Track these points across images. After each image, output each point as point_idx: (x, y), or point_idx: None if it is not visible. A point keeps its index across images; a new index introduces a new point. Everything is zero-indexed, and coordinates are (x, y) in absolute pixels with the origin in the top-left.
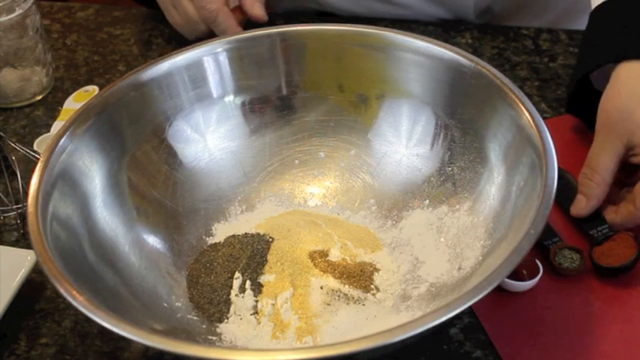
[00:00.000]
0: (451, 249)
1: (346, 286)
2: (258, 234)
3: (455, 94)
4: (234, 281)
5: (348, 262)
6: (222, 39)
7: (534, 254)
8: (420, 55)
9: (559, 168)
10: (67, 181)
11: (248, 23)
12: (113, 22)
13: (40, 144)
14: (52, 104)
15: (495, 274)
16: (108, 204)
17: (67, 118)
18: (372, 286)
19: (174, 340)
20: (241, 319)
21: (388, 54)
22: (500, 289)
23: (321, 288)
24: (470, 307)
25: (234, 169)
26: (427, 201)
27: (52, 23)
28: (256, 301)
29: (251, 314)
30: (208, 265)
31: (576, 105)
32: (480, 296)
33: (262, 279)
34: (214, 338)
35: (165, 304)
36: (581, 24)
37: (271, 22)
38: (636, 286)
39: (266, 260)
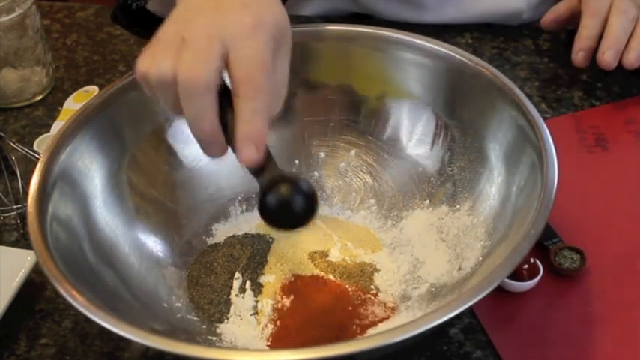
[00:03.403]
0: (451, 249)
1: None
2: (258, 234)
3: (455, 94)
4: (234, 281)
5: (348, 262)
6: None
7: (534, 254)
8: (420, 55)
9: None
10: (67, 181)
11: None
12: (113, 22)
13: (40, 144)
14: (52, 104)
15: (495, 274)
16: (108, 204)
17: (67, 118)
18: (372, 287)
19: (174, 340)
20: (241, 319)
21: (388, 54)
22: (500, 289)
23: None
24: (470, 307)
25: (235, 169)
26: (427, 201)
27: (52, 23)
28: (256, 302)
29: (251, 314)
30: (208, 265)
31: None
32: (480, 296)
33: (262, 279)
34: (214, 338)
35: (165, 305)
36: None
37: None
38: (636, 286)
39: (266, 260)
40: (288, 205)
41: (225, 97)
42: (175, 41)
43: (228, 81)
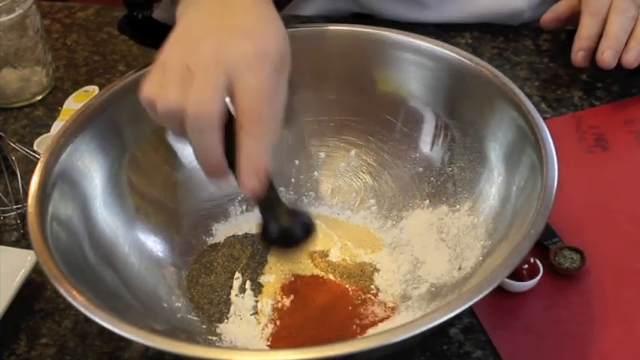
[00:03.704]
0: (451, 249)
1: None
2: (259, 234)
3: (455, 94)
4: (234, 281)
5: (348, 262)
6: None
7: (534, 254)
8: (420, 55)
9: None
10: (67, 181)
11: None
12: (113, 22)
13: (40, 144)
14: (52, 104)
15: (495, 274)
16: (108, 204)
17: (67, 118)
18: (372, 287)
19: (175, 340)
20: (241, 319)
21: (388, 54)
22: (500, 289)
23: None
24: (470, 307)
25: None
26: (427, 201)
27: (52, 23)
28: (256, 301)
29: (251, 314)
30: (208, 265)
31: None
32: (480, 296)
33: (262, 279)
34: (214, 338)
35: (165, 305)
36: None
37: None
38: (636, 286)
39: (266, 260)
40: (289, 237)
41: (228, 122)
42: (181, 71)
43: (231, 107)
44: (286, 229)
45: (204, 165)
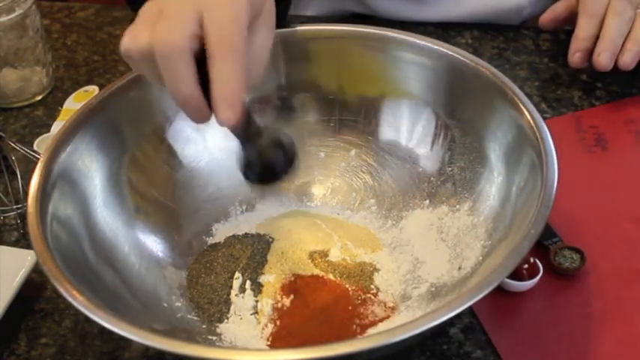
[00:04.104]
0: (451, 249)
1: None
2: (258, 234)
3: (455, 94)
4: (234, 281)
5: (348, 262)
6: None
7: (534, 254)
8: (420, 55)
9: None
10: (67, 181)
11: None
12: (113, 22)
13: (40, 144)
14: (52, 104)
15: (495, 274)
16: (108, 204)
17: (67, 118)
18: (372, 286)
19: (174, 340)
20: (241, 319)
21: (388, 54)
22: (500, 289)
23: None
24: (470, 307)
25: (235, 169)
26: (427, 201)
27: (52, 23)
28: (256, 301)
29: (251, 314)
30: (208, 265)
31: None
32: (480, 296)
33: (262, 279)
34: (214, 338)
35: (165, 304)
36: None
37: None
38: (636, 286)
39: (266, 260)
40: (269, 157)
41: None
42: (153, 15)
43: None
44: (267, 164)
45: (177, 99)
